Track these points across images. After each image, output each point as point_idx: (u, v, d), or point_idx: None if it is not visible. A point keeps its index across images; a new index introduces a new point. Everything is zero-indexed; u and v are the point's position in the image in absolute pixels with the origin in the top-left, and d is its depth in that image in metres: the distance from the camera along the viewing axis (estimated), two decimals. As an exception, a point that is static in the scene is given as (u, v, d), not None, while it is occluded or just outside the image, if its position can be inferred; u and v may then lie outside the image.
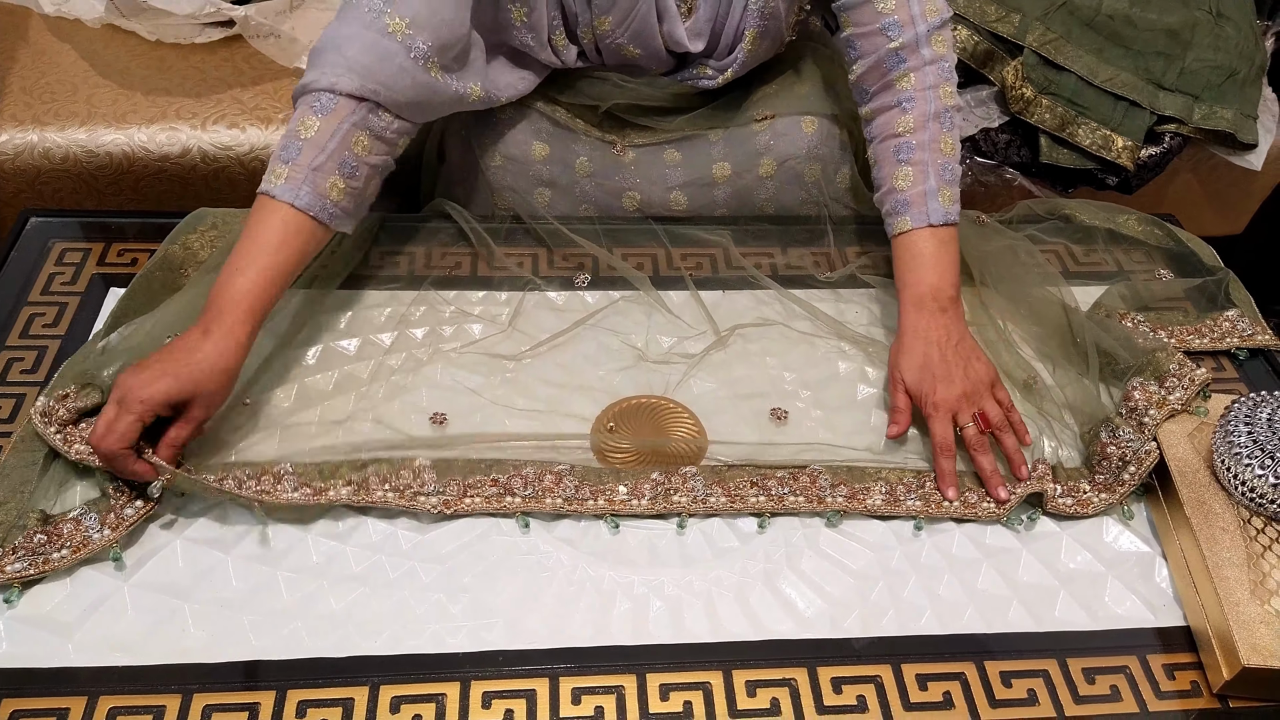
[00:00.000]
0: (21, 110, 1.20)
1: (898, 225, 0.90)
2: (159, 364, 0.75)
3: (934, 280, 0.88)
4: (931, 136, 0.90)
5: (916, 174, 0.90)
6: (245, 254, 0.79)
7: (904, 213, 0.90)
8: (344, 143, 0.83)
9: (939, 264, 0.88)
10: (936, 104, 0.91)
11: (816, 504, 0.80)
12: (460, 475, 0.79)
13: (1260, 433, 0.77)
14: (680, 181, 1.08)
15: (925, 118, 0.90)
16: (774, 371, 0.93)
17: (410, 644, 0.71)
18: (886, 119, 0.92)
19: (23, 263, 0.97)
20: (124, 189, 1.22)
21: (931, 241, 0.88)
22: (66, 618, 0.71)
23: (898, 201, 0.90)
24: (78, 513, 0.75)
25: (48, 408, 0.78)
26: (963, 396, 0.84)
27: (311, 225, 0.82)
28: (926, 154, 0.90)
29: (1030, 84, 1.25)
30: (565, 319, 0.96)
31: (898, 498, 0.81)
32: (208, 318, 0.77)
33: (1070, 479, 0.84)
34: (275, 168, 0.81)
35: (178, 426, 0.76)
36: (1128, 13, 1.26)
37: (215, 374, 0.76)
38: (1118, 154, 1.26)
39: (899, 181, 0.90)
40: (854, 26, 0.93)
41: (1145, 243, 1.10)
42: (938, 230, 0.89)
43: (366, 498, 0.77)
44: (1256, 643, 0.70)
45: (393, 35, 0.84)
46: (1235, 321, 0.99)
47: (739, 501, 0.80)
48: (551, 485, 0.79)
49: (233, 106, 1.23)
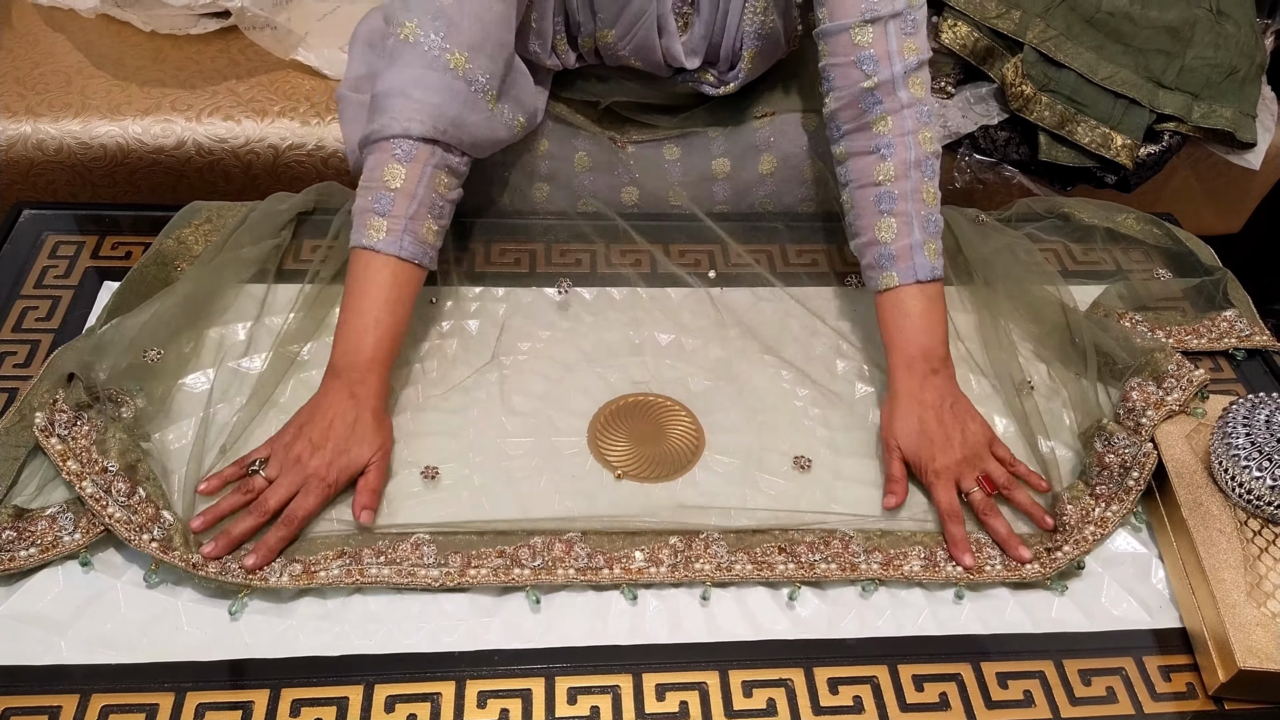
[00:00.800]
0: (15, 101, 1.19)
1: (883, 280, 0.87)
2: (332, 438, 0.76)
3: (924, 341, 0.85)
4: (914, 186, 0.87)
5: (901, 226, 0.86)
6: (364, 312, 0.80)
7: (889, 267, 0.86)
8: (430, 186, 0.83)
9: (928, 323, 0.85)
10: (917, 151, 0.87)
11: (850, 571, 0.75)
12: (463, 548, 0.75)
13: (1258, 434, 0.77)
14: (680, 177, 1.08)
15: (906, 166, 0.86)
16: (771, 369, 0.93)
17: (405, 643, 0.71)
18: (864, 164, 0.88)
19: (15, 256, 0.96)
20: (118, 181, 1.21)
21: (920, 299, 0.85)
22: (59, 615, 0.70)
23: (881, 255, 0.87)
24: (54, 510, 0.74)
25: (46, 422, 0.77)
26: (963, 461, 0.81)
27: (416, 272, 0.83)
28: (910, 204, 0.86)
29: (1030, 81, 1.24)
30: (562, 315, 0.96)
31: (937, 562, 0.77)
32: (350, 380, 0.79)
33: (1074, 499, 0.81)
34: (370, 220, 0.81)
35: (372, 478, 0.77)
36: (1128, 10, 1.26)
37: (382, 436, 0.79)
38: (1116, 152, 1.26)
39: (882, 233, 0.87)
40: (830, 57, 0.89)
41: (1144, 242, 1.10)
42: (925, 287, 0.86)
43: (360, 576, 0.72)
44: (1252, 645, 0.70)
45: (455, 71, 0.84)
46: (1233, 322, 0.99)
47: (766, 569, 0.75)
48: (562, 554, 0.74)
49: (228, 99, 1.22)
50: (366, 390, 0.79)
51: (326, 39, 1.30)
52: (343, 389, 0.79)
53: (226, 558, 0.73)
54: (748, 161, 1.08)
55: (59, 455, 0.75)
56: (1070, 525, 0.80)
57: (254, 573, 0.72)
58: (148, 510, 0.73)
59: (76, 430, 0.76)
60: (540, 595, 0.73)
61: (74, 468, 0.74)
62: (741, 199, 1.10)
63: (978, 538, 0.80)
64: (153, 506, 0.74)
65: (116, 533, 0.72)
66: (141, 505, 0.73)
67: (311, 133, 1.21)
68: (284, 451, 0.77)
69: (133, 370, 0.82)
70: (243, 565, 0.72)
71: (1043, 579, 0.77)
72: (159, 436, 0.81)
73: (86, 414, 0.78)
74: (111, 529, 0.72)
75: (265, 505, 0.75)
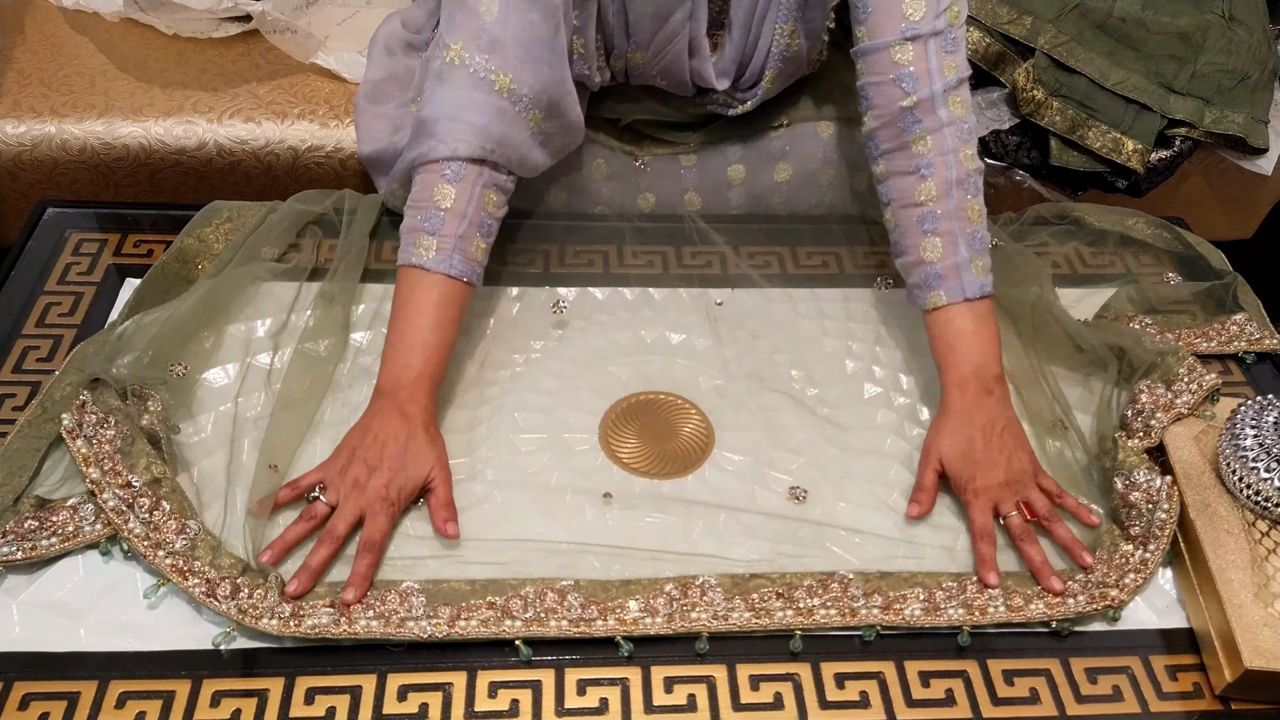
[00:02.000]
0: (39, 102, 1.21)
1: (930, 300, 0.86)
2: (386, 459, 0.76)
3: (977, 359, 0.84)
4: (957, 205, 0.86)
5: (946, 246, 0.85)
6: (413, 330, 0.81)
7: (937, 287, 0.85)
8: (480, 205, 0.85)
9: (981, 340, 0.84)
10: (958, 169, 0.86)
11: (849, 616, 0.73)
12: (452, 600, 0.72)
13: (1266, 436, 0.77)
14: (695, 184, 1.09)
15: (948, 185, 0.86)
16: (782, 370, 0.94)
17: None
18: (905, 184, 0.88)
19: (40, 252, 0.98)
20: (140, 181, 1.23)
21: (970, 317, 0.85)
22: (78, 602, 0.72)
23: (928, 274, 0.86)
24: (76, 500, 0.75)
25: (74, 424, 0.78)
26: (1005, 485, 0.80)
27: (465, 290, 0.84)
28: (954, 224, 0.86)
29: (1041, 86, 1.25)
30: (575, 315, 0.97)
31: (937, 605, 0.75)
32: (399, 399, 0.79)
33: (1111, 550, 0.78)
34: (420, 240, 0.83)
35: (440, 494, 0.78)
36: (1140, 15, 1.26)
37: (436, 453, 0.79)
38: (1128, 157, 1.26)
39: (927, 253, 0.86)
40: (869, 75, 0.88)
41: (1154, 246, 1.10)
42: (974, 304, 0.85)
43: (349, 629, 0.70)
44: (1259, 645, 0.70)
45: (500, 92, 0.85)
46: (1243, 325, 0.99)
47: (764, 616, 0.73)
48: (555, 605, 0.72)
49: (249, 101, 1.24)
50: (416, 408, 0.79)
51: (346, 43, 1.32)
52: (392, 409, 0.79)
53: (220, 597, 0.70)
54: (763, 169, 1.09)
55: (83, 460, 0.76)
56: (1113, 567, 0.78)
57: (338, 606, 0.71)
58: (170, 525, 0.73)
59: (102, 434, 0.77)
60: (531, 653, 0.71)
61: (95, 475, 0.75)
62: (756, 205, 1.11)
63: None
64: (176, 520, 0.74)
65: (134, 548, 0.72)
66: (164, 521, 0.73)
67: (330, 135, 1.23)
68: (340, 477, 0.76)
69: (155, 367, 0.84)
70: (287, 595, 0.71)
71: (1047, 623, 0.75)
72: (177, 437, 0.82)
73: (114, 416, 0.78)
74: (130, 544, 0.73)
75: (336, 532, 0.74)
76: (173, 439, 0.80)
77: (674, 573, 0.76)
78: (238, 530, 0.75)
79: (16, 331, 0.90)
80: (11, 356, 0.88)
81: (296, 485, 0.78)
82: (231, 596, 0.70)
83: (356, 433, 0.79)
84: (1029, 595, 0.76)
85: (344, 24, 1.36)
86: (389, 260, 1.00)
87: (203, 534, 0.73)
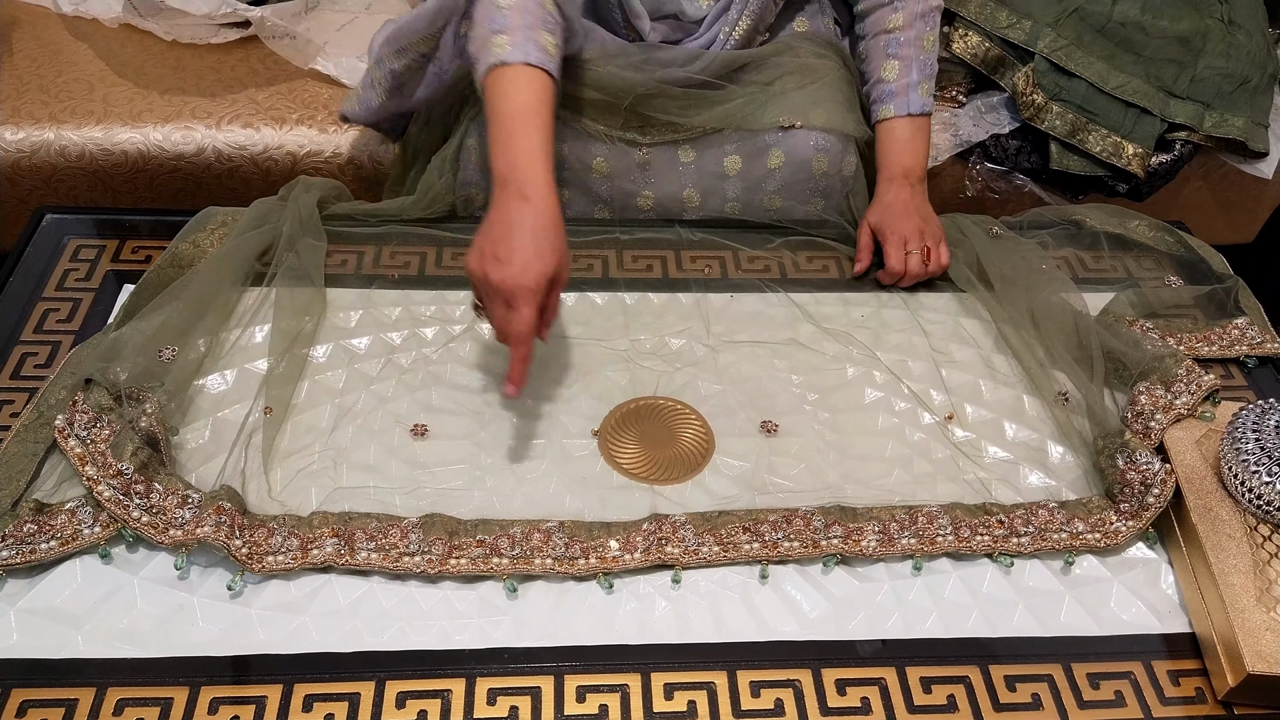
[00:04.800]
0: (38, 108, 1.22)
1: (881, 112, 1.06)
2: (517, 249, 0.77)
3: (907, 162, 1.04)
4: (917, 34, 1.05)
5: (902, 68, 1.05)
6: (510, 121, 0.82)
7: (888, 101, 1.05)
8: (539, 3, 0.88)
9: (913, 148, 1.05)
10: (924, 4, 1.05)
11: (812, 549, 0.77)
12: (445, 535, 0.76)
13: (1268, 439, 0.77)
14: (694, 178, 1.09)
15: (913, 16, 1.05)
16: (781, 374, 0.93)
17: (417, 640, 0.72)
18: (879, 16, 1.07)
19: (38, 258, 0.98)
20: (139, 187, 1.23)
21: (909, 128, 1.05)
22: (76, 609, 0.71)
23: (883, 92, 1.06)
24: (74, 504, 0.75)
25: (66, 423, 0.78)
26: (916, 231, 0.99)
27: (548, 80, 0.86)
28: (912, 50, 1.05)
29: (1041, 90, 1.25)
30: (574, 319, 0.97)
31: (892, 536, 0.78)
32: (517, 183, 0.79)
33: (1094, 513, 0.81)
34: (492, 40, 0.85)
35: (553, 300, 0.80)
36: (1139, 19, 1.26)
37: (561, 231, 0.79)
38: (1128, 161, 1.26)
39: (885, 74, 1.05)
40: None
41: (1155, 249, 1.10)
42: (915, 119, 1.05)
43: (351, 559, 0.74)
44: (1262, 650, 0.70)
45: None
46: (1244, 329, 0.99)
47: (733, 549, 0.77)
48: (540, 544, 0.76)
49: (248, 106, 1.24)
50: (535, 189, 0.79)
51: (344, 48, 1.32)
52: (513, 193, 0.79)
53: (235, 541, 0.73)
54: (757, 158, 1.09)
55: (78, 459, 0.76)
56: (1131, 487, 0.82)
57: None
58: (171, 501, 0.74)
59: (95, 432, 0.77)
60: (516, 584, 0.74)
61: (91, 472, 0.75)
62: (751, 195, 1.11)
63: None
64: (175, 496, 0.75)
65: (143, 534, 0.73)
66: (161, 500, 0.74)
67: (329, 140, 1.23)
68: (481, 283, 0.79)
69: (150, 371, 0.83)
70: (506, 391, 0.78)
71: (990, 554, 0.79)
72: (176, 440, 0.82)
73: (107, 416, 0.79)
74: (139, 532, 0.73)
75: (504, 332, 0.78)
76: (171, 440, 0.80)
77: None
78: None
79: (15, 338, 0.90)
80: (10, 363, 0.87)
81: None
82: (239, 536, 0.73)
83: (484, 228, 0.80)
84: (974, 526, 0.80)
85: (343, 29, 1.37)
86: (386, 264, 1.00)
87: (206, 497, 0.75)
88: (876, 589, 0.77)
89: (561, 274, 0.80)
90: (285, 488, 0.80)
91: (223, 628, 0.71)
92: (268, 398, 0.85)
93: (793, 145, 1.08)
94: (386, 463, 0.83)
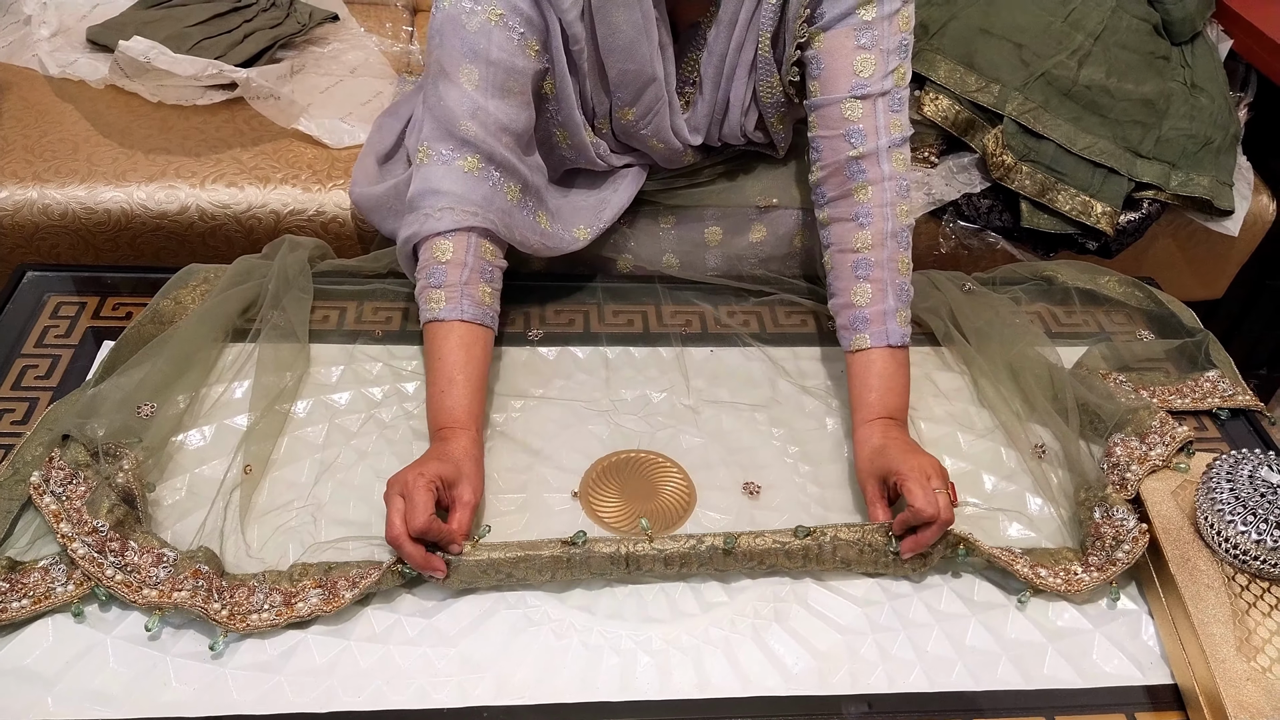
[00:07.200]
0: (22, 168, 1.22)
1: (855, 341, 0.92)
2: (422, 461, 0.79)
3: (894, 402, 0.89)
4: (890, 255, 0.92)
5: (875, 292, 0.92)
6: (441, 377, 0.86)
7: (862, 330, 0.91)
8: (478, 254, 0.90)
9: (896, 386, 0.90)
10: (894, 222, 0.92)
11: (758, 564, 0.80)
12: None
13: (1242, 489, 0.78)
14: (674, 244, 1.10)
15: (883, 236, 0.92)
16: (763, 427, 0.94)
17: (395, 699, 0.70)
18: (844, 230, 0.94)
19: (17, 315, 0.98)
20: (121, 245, 1.23)
21: (890, 363, 0.90)
22: (48, 669, 0.70)
23: (855, 317, 0.92)
24: (47, 562, 0.74)
25: (42, 480, 0.77)
26: (932, 466, 0.82)
27: (482, 332, 0.89)
28: (885, 273, 0.92)
29: (1010, 151, 1.28)
30: (555, 373, 0.97)
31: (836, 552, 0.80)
32: (441, 438, 0.83)
33: (1059, 562, 0.82)
34: (430, 295, 0.88)
35: (457, 514, 0.78)
36: (1104, 83, 1.30)
37: (472, 460, 0.82)
38: (1097, 219, 1.29)
39: (857, 297, 0.92)
40: (820, 128, 0.95)
41: (1126, 304, 1.12)
42: (895, 351, 0.91)
43: (336, 602, 0.74)
44: (1243, 700, 0.70)
45: (470, 173, 0.90)
46: (1216, 382, 1.00)
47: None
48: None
49: (232, 166, 1.25)
50: (458, 444, 0.82)
51: (328, 110, 1.34)
52: (436, 447, 0.83)
53: (214, 605, 0.72)
54: (738, 233, 1.11)
55: (52, 515, 0.75)
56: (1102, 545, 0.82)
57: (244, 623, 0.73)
58: (146, 560, 0.73)
59: (71, 489, 0.77)
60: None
61: (66, 529, 0.74)
62: (733, 266, 1.12)
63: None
64: (150, 555, 0.74)
65: (117, 593, 0.72)
66: (137, 558, 0.73)
67: (312, 199, 1.24)
68: (386, 499, 0.78)
69: (129, 427, 0.83)
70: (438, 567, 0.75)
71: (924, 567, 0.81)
72: (153, 497, 0.81)
73: (84, 472, 0.78)
74: (113, 591, 0.72)
75: (404, 541, 0.74)
76: (147, 497, 0.79)
77: None
78: None
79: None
80: (-15, 419, 0.87)
81: None
82: (218, 599, 0.73)
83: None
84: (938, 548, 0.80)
85: (326, 91, 1.39)
86: (369, 320, 1.00)
87: (182, 557, 0.74)
88: (860, 641, 0.77)
89: (465, 494, 0.79)
90: (264, 545, 0.79)
91: (196, 688, 0.70)
92: (247, 454, 0.84)
93: (775, 221, 1.10)
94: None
